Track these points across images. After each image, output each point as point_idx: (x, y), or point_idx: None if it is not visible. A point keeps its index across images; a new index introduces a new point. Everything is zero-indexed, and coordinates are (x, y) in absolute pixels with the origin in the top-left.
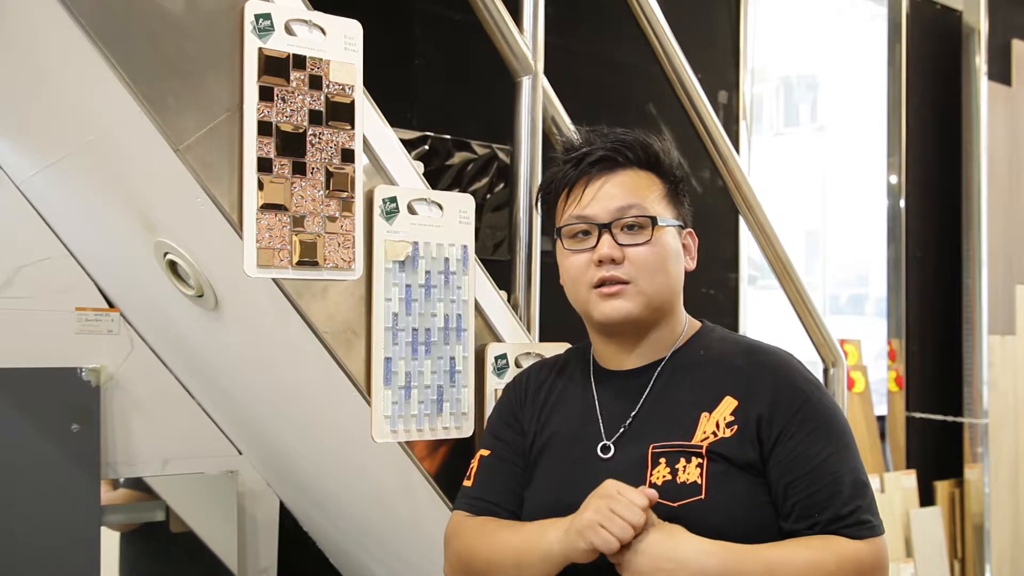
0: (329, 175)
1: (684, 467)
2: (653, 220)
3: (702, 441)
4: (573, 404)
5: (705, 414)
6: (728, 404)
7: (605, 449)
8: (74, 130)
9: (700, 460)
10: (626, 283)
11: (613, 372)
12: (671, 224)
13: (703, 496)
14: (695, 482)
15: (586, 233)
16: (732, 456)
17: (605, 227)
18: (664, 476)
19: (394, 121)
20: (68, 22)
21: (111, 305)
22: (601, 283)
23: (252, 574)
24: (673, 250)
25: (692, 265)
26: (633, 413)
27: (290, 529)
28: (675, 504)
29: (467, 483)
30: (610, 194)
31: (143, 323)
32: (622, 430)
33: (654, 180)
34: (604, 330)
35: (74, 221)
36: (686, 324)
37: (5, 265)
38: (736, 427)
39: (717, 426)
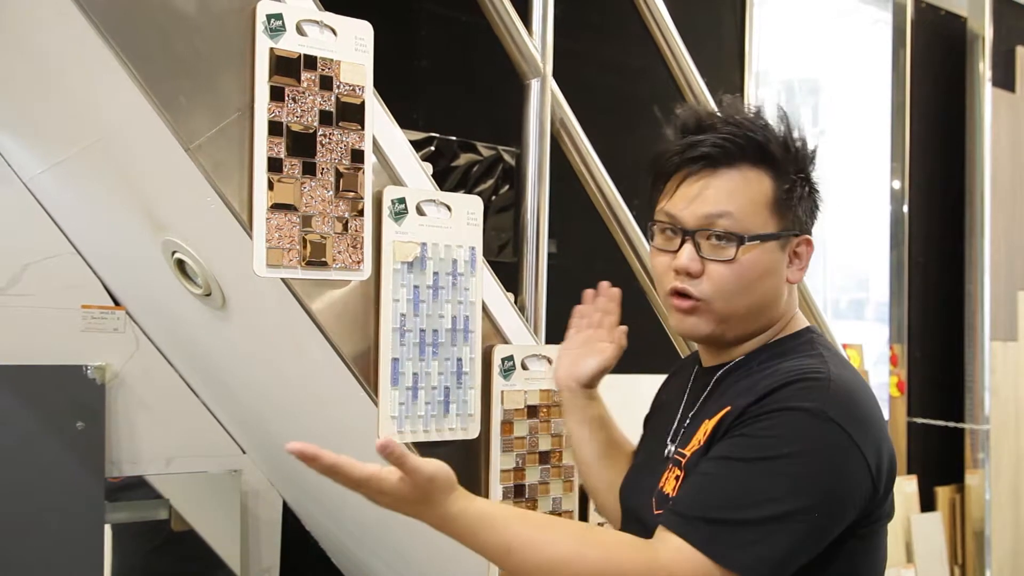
0: (339, 175)
1: (667, 478)
2: (740, 239)
3: (688, 451)
4: (671, 399)
5: (706, 422)
6: (722, 412)
7: (666, 447)
8: (83, 128)
9: (679, 473)
10: (699, 300)
11: (702, 369)
12: (768, 237)
13: None
14: (668, 494)
15: (674, 231)
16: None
17: (689, 235)
18: (661, 483)
19: (400, 122)
20: (80, 19)
21: (117, 303)
22: (676, 293)
23: (254, 574)
24: (763, 267)
25: (798, 277)
26: (691, 414)
27: (293, 529)
28: (656, 512)
29: None
30: (703, 197)
31: (149, 321)
32: (682, 431)
33: (765, 182)
34: None
35: (81, 219)
36: (780, 332)
37: (12, 262)
38: (715, 434)
39: (704, 434)
